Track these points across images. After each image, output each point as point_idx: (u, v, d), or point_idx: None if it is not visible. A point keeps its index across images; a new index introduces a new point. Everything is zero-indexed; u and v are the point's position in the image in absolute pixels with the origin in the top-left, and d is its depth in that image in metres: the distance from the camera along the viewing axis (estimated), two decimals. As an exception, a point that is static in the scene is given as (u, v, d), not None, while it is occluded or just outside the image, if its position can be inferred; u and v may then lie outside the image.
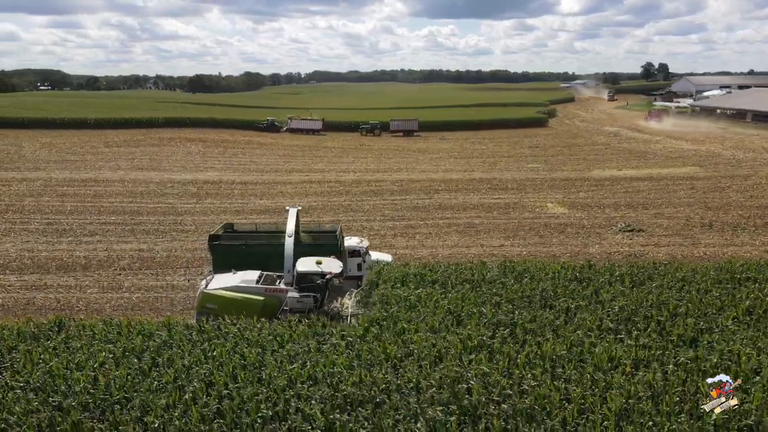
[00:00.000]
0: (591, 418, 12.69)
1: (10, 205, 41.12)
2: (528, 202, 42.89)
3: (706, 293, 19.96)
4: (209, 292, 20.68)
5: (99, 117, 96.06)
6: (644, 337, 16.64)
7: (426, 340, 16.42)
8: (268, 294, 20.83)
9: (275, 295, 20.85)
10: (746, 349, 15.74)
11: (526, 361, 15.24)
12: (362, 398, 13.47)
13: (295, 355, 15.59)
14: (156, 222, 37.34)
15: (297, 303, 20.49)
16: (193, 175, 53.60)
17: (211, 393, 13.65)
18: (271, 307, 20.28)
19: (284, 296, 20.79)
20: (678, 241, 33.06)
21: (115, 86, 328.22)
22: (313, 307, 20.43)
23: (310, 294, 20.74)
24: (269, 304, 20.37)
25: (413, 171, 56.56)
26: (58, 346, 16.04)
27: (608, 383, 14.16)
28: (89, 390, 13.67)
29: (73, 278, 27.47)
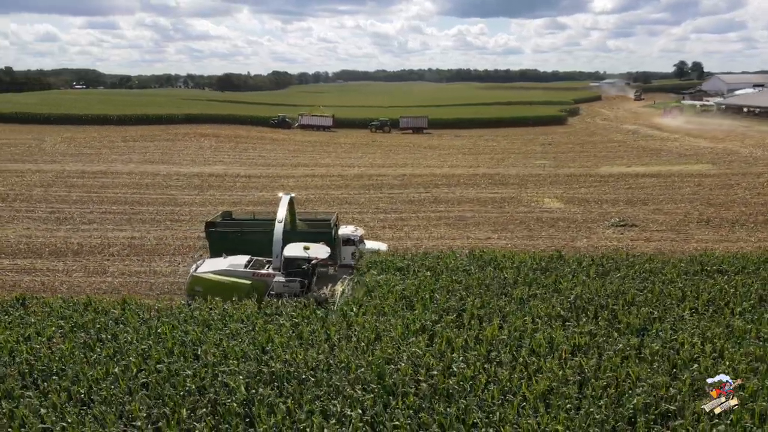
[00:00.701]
0: (510, 399, 12.68)
1: (19, 195, 42.65)
2: (525, 197, 42.52)
3: (670, 284, 19.70)
4: (198, 275, 21.22)
5: (121, 113, 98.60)
6: (591, 325, 16.50)
7: (369, 323, 16.58)
8: (255, 278, 21.19)
9: (262, 280, 21.17)
10: (693, 339, 15.48)
11: (463, 344, 15.27)
12: (289, 375, 13.72)
13: (236, 333, 15.91)
14: (154, 212, 38.27)
15: (283, 287, 20.79)
16: (200, 168, 54.67)
17: (145, 367, 14.05)
18: (258, 290, 20.53)
19: (271, 280, 21.09)
20: (670, 236, 32.39)
21: (147, 85, 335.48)
22: (300, 292, 20.73)
23: (296, 279, 21.00)
24: (256, 288, 20.60)
25: (417, 166, 56.54)
26: (14, 320, 16.68)
27: (539, 367, 14.12)
28: (30, 361, 14.19)
29: (63, 263, 28.41)
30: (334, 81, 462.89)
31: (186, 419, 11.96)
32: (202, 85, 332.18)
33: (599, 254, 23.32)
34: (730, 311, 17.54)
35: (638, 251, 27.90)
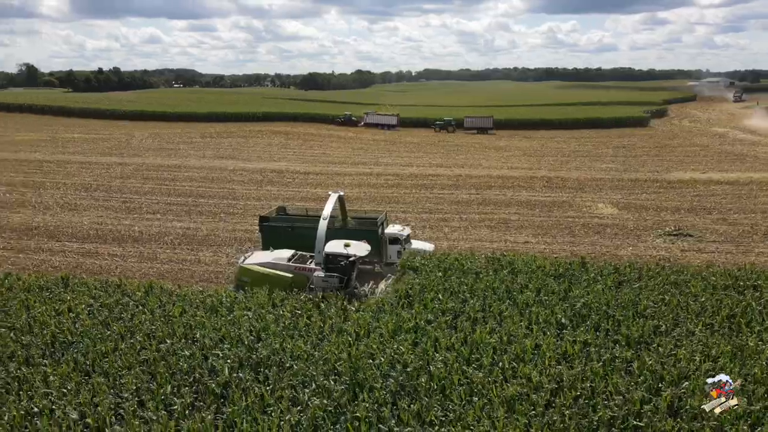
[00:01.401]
0: (474, 402, 12.83)
1: (100, 185, 46.76)
2: (579, 201, 41.17)
3: (691, 297, 18.72)
4: (244, 267, 22.41)
5: (205, 111, 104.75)
6: (588, 334, 16.13)
7: (363, 318, 17.11)
8: (297, 272, 22.10)
9: (303, 273, 22.05)
10: (694, 356, 14.82)
11: (449, 345, 15.47)
12: (272, 362, 14.55)
13: (238, 320, 16.97)
14: (212, 204, 40.71)
15: (322, 282, 21.50)
16: (264, 164, 57.23)
17: (148, 346, 15.39)
18: (299, 283, 21.36)
19: (311, 275, 21.89)
20: (727, 249, 30.36)
21: (238, 84, 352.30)
22: (338, 287, 21.30)
23: (334, 274, 21.65)
24: (297, 281, 21.47)
25: (476, 167, 56.07)
26: (53, 297, 18.69)
27: (516, 372, 14.10)
28: (55, 333, 15.94)
29: (122, 248, 31.03)
30: (417, 80, 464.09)
31: (168, 395, 13.07)
32: (288, 84, 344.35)
33: (624, 263, 22.37)
34: (749, 330, 16.47)
35: (681, 262, 26.46)
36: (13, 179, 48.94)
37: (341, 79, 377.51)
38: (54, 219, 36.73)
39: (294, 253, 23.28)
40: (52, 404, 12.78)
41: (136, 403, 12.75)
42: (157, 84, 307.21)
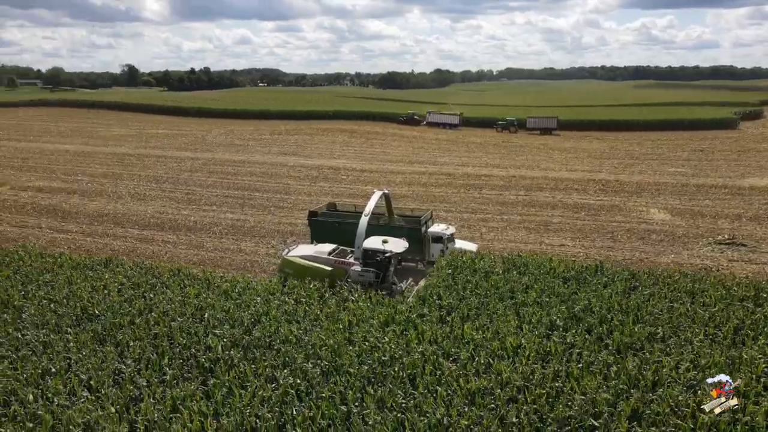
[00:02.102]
0: (438, 391, 13.35)
1: (169, 177, 50.41)
2: (632, 205, 39.69)
3: (702, 307, 18.06)
4: (288, 259, 23.54)
5: (279, 109, 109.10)
6: (577, 336, 16.12)
7: (360, 309, 17.95)
8: (336, 265, 22.88)
9: (342, 267, 22.83)
10: (683, 364, 14.52)
11: (432, 339, 16.00)
12: (262, 343, 15.73)
13: (244, 304, 18.31)
14: (265, 198, 42.89)
15: (359, 276, 22.21)
16: (323, 161, 59.19)
17: (161, 321, 17.03)
18: (337, 276, 22.05)
19: (349, 268, 22.65)
20: (782, 261, 28.41)
21: (318, 83, 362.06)
22: (374, 282, 21.95)
23: (371, 269, 22.27)
24: (336, 275, 22.18)
25: (532, 168, 55.13)
26: (94, 276, 20.90)
27: (489, 368, 14.45)
28: (85, 306, 17.97)
29: (176, 236, 33.58)
30: (498, 79, 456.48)
31: (164, 365, 14.52)
32: (367, 83, 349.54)
33: (644, 269, 21.73)
34: (753, 342, 15.75)
35: (729, 273, 25.16)
36: (96, 170, 53.76)
37: (420, 78, 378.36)
38: (123, 207, 40.19)
39: (335, 248, 24.06)
40: (68, 366, 14.57)
41: (136, 371, 14.28)
42: (243, 83, 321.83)
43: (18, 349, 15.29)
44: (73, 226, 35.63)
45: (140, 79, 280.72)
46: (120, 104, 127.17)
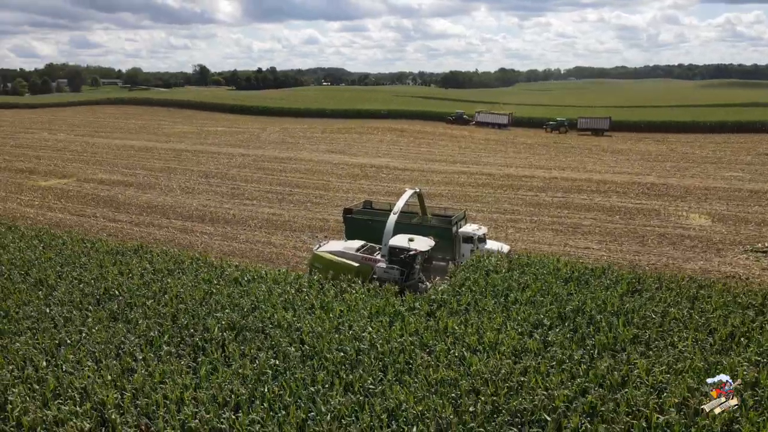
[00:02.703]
0: (404, 379, 14.02)
1: (218, 173, 53.06)
2: (672, 210, 38.41)
3: (700, 313, 17.72)
4: (317, 254, 24.16)
5: (335, 108, 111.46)
6: (560, 335, 16.32)
7: (354, 300, 18.82)
8: (363, 262, 23.37)
9: (368, 264, 23.30)
10: (657, 368, 14.50)
11: (414, 331, 16.65)
12: (256, 328, 16.88)
13: (250, 292, 19.54)
14: (304, 194, 44.46)
15: (384, 273, 22.64)
16: (367, 159, 60.39)
17: (171, 303, 18.54)
18: (364, 273, 22.47)
19: (375, 265, 23.15)
20: (822, 271, 26.92)
21: (381, 82, 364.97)
22: (399, 279, 22.31)
23: (395, 266, 22.62)
24: (362, 271, 22.59)
25: (578, 170, 54.07)
26: (124, 261, 22.81)
27: (462, 361, 14.95)
28: (108, 287, 19.77)
29: (213, 228, 35.58)
30: (566, 78, 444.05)
31: (162, 343, 15.91)
32: (429, 83, 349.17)
33: (652, 273, 21.34)
34: (741, 350, 15.37)
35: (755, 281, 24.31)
36: (153, 165, 57.31)
37: (484, 77, 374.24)
38: (172, 200, 42.84)
39: (364, 244, 24.53)
40: (80, 339, 16.23)
41: (138, 346, 15.73)
42: (307, 82, 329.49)
43: (42, 322, 17.13)
44: (124, 216, 38.41)
45: (210, 78, 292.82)
46: (186, 102, 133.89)
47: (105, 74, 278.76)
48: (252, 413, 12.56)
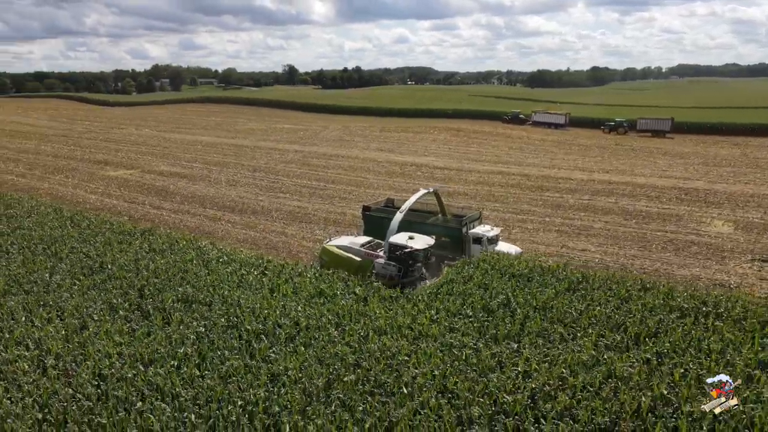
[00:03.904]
0: (300, 350, 15.73)
1: (266, 167, 56.70)
2: (697, 216, 36.85)
3: (626, 312, 18.12)
4: (325, 247, 25.66)
5: (403, 107, 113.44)
6: (463, 324, 17.35)
7: (303, 283, 20.68)
8: (365, 257, 24.47)
9: (369, 259, 24.33)
10: (527, 356, 15.25)
11: (338, 311, 18.23)
12: (204, 301, 19.24)
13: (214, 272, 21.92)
14: (336, 189, 46.72)
15: (381, 269, 23.65)
16: (412, 158, 61.78)
17: (146, 278, 21.32)
18: (365, 267, 23.60)
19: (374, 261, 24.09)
20: (829, 285, 25.33)
21: (466, 81, 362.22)
22: (396, 275, 23.30)
23: (392, 263, 23.50)
24: (364, 266, 23.70)
25: (622, 173, 52.45)
26: (130, 240, 26.06)
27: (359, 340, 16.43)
28: (106, 262, 22.96)
29: (239, 217, 38.68)
30: (667, 77, 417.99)
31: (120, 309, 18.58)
32: (514, 82, 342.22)
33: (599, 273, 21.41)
34: (638, 350, 15.63)
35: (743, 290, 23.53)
36: (211, 159, 62.11)
37: (575, 76, 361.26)
38: (214, 191, 46.68)
39: (370, 240, 25.62)
40: (60, 302, 19.30)
41: (99, 310, 18.52)
42: (392, 81, 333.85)
43: (38, 286, 20.47)
44: (168, 204, 42.56)
45: (298, 78, 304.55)
46: (264, 101, 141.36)
47: (203, 74, 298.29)
48: (160, 368, 14.79)
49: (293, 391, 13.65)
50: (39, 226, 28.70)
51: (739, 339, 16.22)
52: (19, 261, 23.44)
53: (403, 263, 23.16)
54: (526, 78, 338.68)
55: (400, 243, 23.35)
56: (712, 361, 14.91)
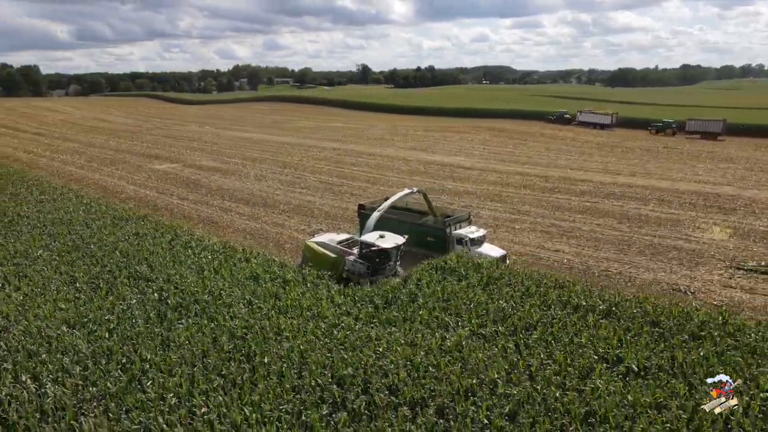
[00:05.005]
0: (250, 338, 17.47)
1: (296, 164, 59.60)
2: (698, 221, 35.56)
3: (551, 317, 18.13)
4: (307, 243, 26.93)
5: (455, 107, 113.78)
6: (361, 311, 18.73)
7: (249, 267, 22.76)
8: (340, 254, 25.29)
9: (343, 256, 25.24)
10: (397, 338, 16.51)
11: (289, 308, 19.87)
12: (153, 279, 21.74)
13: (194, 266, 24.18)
14: (353, 187, 48.55)
15: (352, 265, 24.27)
16: (440, 158, 62.59)
17: (114, 257, 24.23)
18: (338, 264, 24.46)
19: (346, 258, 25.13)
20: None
21: (542, 81, 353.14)
22: (365, 273, 23.64)
23: (360, 260, 23.93)
24: (338, 262, 24.69)
25: (649, 176, 50.79)
26: (123, 224, 29.30)
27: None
28: (91, 241, 26.19)
29: (248, 209, 41.47)
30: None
31: (83, 281, 21.48)
32: (593, 81, 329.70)
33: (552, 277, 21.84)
34: (543, 349, 16.22)
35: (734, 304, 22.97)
36: (250, 155, 65.94)
37: (662, 75, 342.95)
38: (240, 184, 49.97)
39: (348, 238, 26.69)
40: (40, 274, 22.49)
41: (62, 282, 21.49)
42: (465, 81, 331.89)
43: (28, 259, 23.87)
44: (192, 196, 46.22)
45: (371, 77, 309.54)
46: (325, 100, 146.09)
47: (280, 74, 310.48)
48: (78, 330, 17.32)
49: (174, 355, 15.71)
50: (57, 210, 32.72)
51: (617, 336, 16.60)
52: (24, 238, 27.19)
53: (371, 261, 23.76)
54: (606, 77, 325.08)
55: (369, 241, 23.99)
56: (567, 352, 15.53)
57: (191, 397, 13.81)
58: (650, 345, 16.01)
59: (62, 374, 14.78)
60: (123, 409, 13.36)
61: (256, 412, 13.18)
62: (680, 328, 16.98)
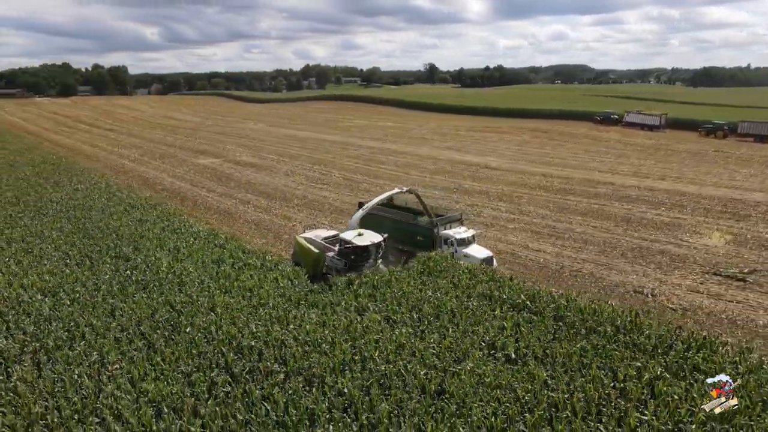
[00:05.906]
0: (186, 312, 19.76)
1: (328, 161, 61.96)
2: (701, 227, 34.49)
3: (473, 306, 19.09)
4: (296, 238, 28.24)
5: (507, 107, 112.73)
6: (317, 299, 20.33)
7: (222, 252, 25.05)
8: (322, 250, 25.95)
9: (325, 253, 25.97)
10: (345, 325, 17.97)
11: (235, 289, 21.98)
12: (132, 258, 24.46)
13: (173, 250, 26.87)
14: (372, 183, 50.17)
15: (330, 261, 24.86)
16: (470, 157, 63.07)
17: (109, 237, 27.27)
18: (320, 260, 24.45)
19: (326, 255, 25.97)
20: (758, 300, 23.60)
21: (619, 80, 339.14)
22: (342, 270, 24.07)
23: (337, 257, 24.65)
24: (319, 258, 24.51)
25: (673, 180, 49.15)
26: (131, 211, 32.52)
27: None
28: (95, 225, 29.48)
29: (266, 202, 43.98)
30: None
31: (71, 254, 24.49)
32: (674, 81, 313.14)
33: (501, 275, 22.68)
34: (446, 329, 17.33)
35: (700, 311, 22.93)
36: (290, 152, 69.05)
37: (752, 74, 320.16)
38: (268, 180, 52.86)
39: (334, 235, 27.77)
40: (39, 250, 25.80)
41: (51, 255, 24.58)
42: (536, 80, 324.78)
43: (33, 237, 27.32)
44: (220, 189, 49.51)
45: (438, 76, 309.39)
46: (381, 99, 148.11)
47: (349, 73, 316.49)
48: (48, 299, 20.10)
49: (115, 323, 18.09)
50: (84, 198, 36.62)
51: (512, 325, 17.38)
52: (46, 221, 30.92)
53: (347, 258, 24.61)
54: (688, 77, 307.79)
55: (346, 239, 24.89)
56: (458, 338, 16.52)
57: (111, 355, 16.04)
58: (541, 336, 16.65)
59: (17, 331, 17.48)
60: (51, 362, 15.78)
61: (156, 371, 15.21)
62: (582, 323, 17.45)
